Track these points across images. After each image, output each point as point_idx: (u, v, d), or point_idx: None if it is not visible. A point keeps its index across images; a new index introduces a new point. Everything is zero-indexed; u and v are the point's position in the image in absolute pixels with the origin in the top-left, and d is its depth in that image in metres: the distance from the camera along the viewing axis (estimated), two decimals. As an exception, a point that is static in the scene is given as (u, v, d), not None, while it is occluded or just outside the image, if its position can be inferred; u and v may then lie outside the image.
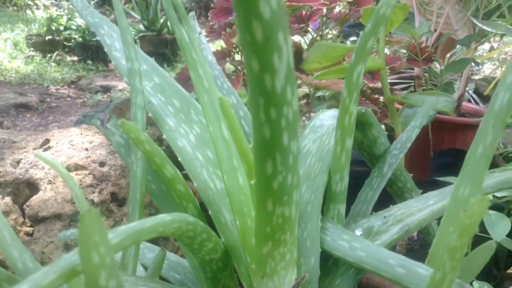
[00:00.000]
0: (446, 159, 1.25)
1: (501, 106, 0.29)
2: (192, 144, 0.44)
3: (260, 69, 0.19)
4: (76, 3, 0.51)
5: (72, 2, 0.51)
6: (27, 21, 4.75)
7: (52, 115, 2.86)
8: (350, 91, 0.35)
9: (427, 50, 1.20)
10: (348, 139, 0.39)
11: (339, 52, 0.74)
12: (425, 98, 0.69)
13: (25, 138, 0.95)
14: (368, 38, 0.31)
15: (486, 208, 0.21)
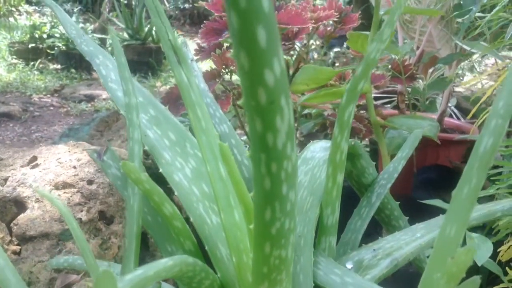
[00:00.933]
0: (429, 175, 1.27)
1: (485, 150, 0.31)
2: (188, 178, 0.45)
3: (263, 129, 0.21)
4: (70, 31, 0.51)
5: (66, 29, 0.52)
6: (10, 28, 4.70)
7: (35, 125, 2.83)
8: (342, 130, 0.36)
9: (410, 68, 1.23)
10: (339, 175, 0.40)
11: (326, 75, 0.75)
12: (409, 122, 0.71)
13: (12, 155, 0.95)
14: (359, 81, 0.33)
15: (471, 258, 0.23)
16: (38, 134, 2.69)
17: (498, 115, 0.31)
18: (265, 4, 0.17)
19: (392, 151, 0.76)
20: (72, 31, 0.51)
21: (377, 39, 0.33)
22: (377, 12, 0.68)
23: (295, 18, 0.96)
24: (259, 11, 0.17)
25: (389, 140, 0.77)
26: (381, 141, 0.75)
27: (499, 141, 0.31)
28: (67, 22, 0.52)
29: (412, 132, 0.71)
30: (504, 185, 0.63)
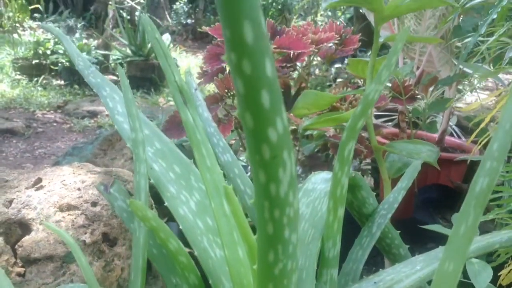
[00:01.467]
0: (430, 194, 1.28)
1: (481, 189, 0.32)
2: (193, 211, 0.46)
3: (267, 180, 0.22)
4: (77, 62, 0.53)
5: (74, 60, 0.53)
6: (14, 44, 4.74)
7: (39, 141, 2.85)
8: (342, 166, 0.37)
9: (411, 89, 1.25)
10: (340, 209, 0.41)
11: (326, 101, 0.77)
12: (409, 147, 0.72)
13: (18, 177, 0.96)
14: (358, 119, 0.34)
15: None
16: (41, 150, 2.70)
17: (492, 157, 0.32)
18: (268, 70, 0.18)
19: (392, 175, 0.77)
20: (80, 62, 0.53)
21: (376, 81, 0.35)
22: (377, 39, 0.70)
23: (296, 42, 0.97)
24: (262, 76, 0.18)
25: (390, 164, 0.78)
26: (381, 165, 0.76)
27: (494, 181, 0.33)
28: (74, 53, 0.54)
29: (412, 157, 0.72)
30: (504, 210, 0.64)
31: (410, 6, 0.64)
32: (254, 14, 0.17)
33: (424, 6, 0.67)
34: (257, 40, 0.17)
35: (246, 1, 0.16)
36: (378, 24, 0.69)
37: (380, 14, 0.66)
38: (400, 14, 0.71)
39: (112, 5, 4.30)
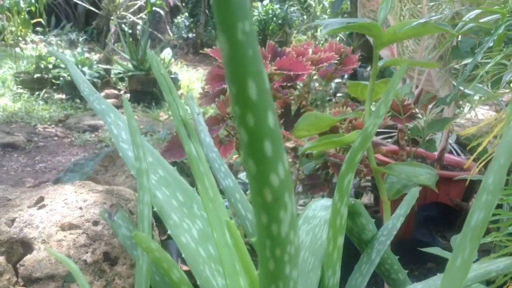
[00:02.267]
0: (430, 212, 1.29)
1: (476, 222, 0.33)
2: (195, 239, 0.47)
3: (268, 221, 0.23)
4: (83, 88, 0.54)
5: (79, 86, 0.55)
6: (16, 57, 4.78)
7: (40, 155, 2.86)
8: (341, 196, 0.38)
9: (410, 108, 1.26)
10: (339, 238, 0.42)
11: (326, 123, 0.78)
12: (408, 170, 0.73)
13: (20, 196, 0.97)
14: (356, 152, 0.35)
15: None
16: (42, 164, 2.71)
17: (488, 191, 0.33)
18: (270, 122, 0.19)
19: (392, 197, 0.78)
20: (85, 88, 0.54)
21: (374, 115, 0.36)
22: (375, 64, 0.71)
23: (296, 64, 0.99)
24: (265, 128, 0.19)
25: (389, 185, 0.78)
26: (380, 187, 0.77)
27: (489, 214, 0.33)
28: (79, 79, 0.55)
29: (411, 180, 0.73)
30: (502, 233, 0.65)
31: (408, 33, 0.65)
32: (258, 73, 0.18)
33: (421, 33, 0.69)
34: (261, 96, 0.18)
35: (251, 61, 0.17)
36: (377, 49, 0.70)
37: (379, 40, 0.67)
38: (398, 40, 0.72)
39: (114, 20, 4.34)
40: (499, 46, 0.72)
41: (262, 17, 8.60)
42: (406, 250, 0.95)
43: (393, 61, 0.75)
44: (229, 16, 0.16)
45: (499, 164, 0.32)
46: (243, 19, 0.16)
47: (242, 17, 0.16)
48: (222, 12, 0.16)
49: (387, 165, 0.76)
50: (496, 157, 0.32)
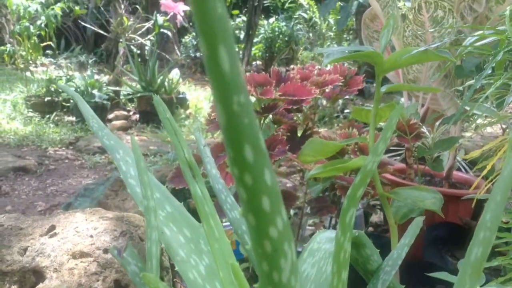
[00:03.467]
0: (439, 232, 1.28)
1: (475, 258, 0.33)
2: (202, 275, 0.48)
3: (269, 269, 0.24)
4: (92, 124, 0.56)
5: (88, 122, 0.56)
6: (26, 81, 4.85)
7: (50, 178, 2.88)
8: (344, 231, 0.39)
9: (416, 127, 1.26)
10: (343, 272, 0.43)
11: (331, 148, 0.79)
12: (413, 194, 0.73)
13: (32, 224, 0.98)
14: (357, 188, 0.36)
15: None
16: (53, 188, 2.73)
17: (485, 227, 0.33)
18: (267, 179, 0.20)
19: (399, 221, 0.78)
20: (94, 124, 0.56)
21: (373, 153, 0.37)
22: (378, 89, 0.72)
23: (300, 89, 1.00)
24: (263, 186, 0.20)
25: (396, 209, 0.79)
26: (387, 211, 0.77)
27: (488, 250, 0.34)
28: (89, 115, 0.57)
29: (417, 205, 0.73)
30: (508, 257, 0.65)
31: (409, 60, 0.66)
32: (253, 138, 0.19)
33: (421, 60, 0.70)
34: (257, 158, 0.19)
35: (247, 128, 0.19)
36: (379, 76, 0.71)
37: (381, 67, 0.69)
38: (400, 67, 0.74)
39: (123, 42, 4.40)
40: (500, 70, 0.73)
41: (268, 35, 8.68)
42: (416, 272, 0.95)
43: (397, 86, 0.76)
44: (226, 90, 0.17)
45: (495, 201, 0.33)
46: (238, 93, 0.18)
47: (237, 91, 0.18)
48: (219, 87, 0.17)
49: (393, 190, 0.77)
50: (493, 195, 0.33)
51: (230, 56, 0.17)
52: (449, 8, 1.17)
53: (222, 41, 0.16)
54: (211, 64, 0.17)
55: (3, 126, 3.81)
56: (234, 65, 0.17)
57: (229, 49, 0.17)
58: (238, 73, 0.17)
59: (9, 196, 2.57)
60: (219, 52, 0.16)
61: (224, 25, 0.16)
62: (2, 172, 2.85)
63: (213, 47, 0.16)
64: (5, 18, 6.30)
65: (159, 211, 0.46)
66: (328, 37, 7.23)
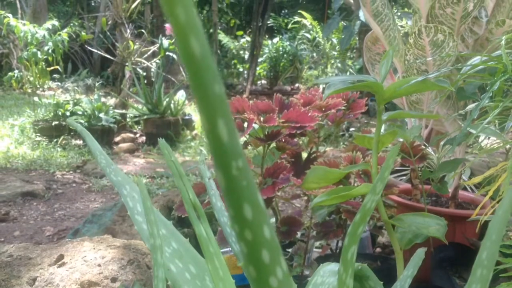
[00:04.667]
0: (446, 253, 1.28)
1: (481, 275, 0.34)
2: (208, 312, 0.49)
3: None
4: (100, 159, 0.57)
5: (96, 158, 0.58)
6: (34, 105, 4.91)
7: (58, 203, 2.90)
8: (346, 268, 0.40)
9: (420, 149, 1.27)
10: (346, 307, 0.44)
11: (334, 176, 0.80)
12: (417, 221, 0.74)
13: (40, 254, 0.99)
14: (358, 226, 0.37)
15: None
16: (61, 212, 2.75)
17: (482, 265, 0.34)
18: (266, 234, 0.22)
19: (404, 247, 0.79)
20: (102, 160, 0.57)
21: (371, 191, 0.38)
22: (380, 117, 0.74)
23: (303, 116, 1.02)
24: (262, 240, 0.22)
25: (401, 234, 0.80)
26: (392, 237, 0.78)
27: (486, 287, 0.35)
28: (97, 151, 0.58)
29: (421, 231, 0.74)
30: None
31: (408, 90, 0.68)
32: (252, 198, 0.20)
33: (420, 90, 0.71)
34: (256, 215, 0.21)
35: (245, 190, 0.20)
36: (380, 105, 0.73)
37: (381, 97, 0.70)
38: (399, 96, 0.75)
39: (129, 66, 4.46)
40: (500, 96, 0.74)
41: (273, 54, 8.76)
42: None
43: (398, 114, 0.77)
44: (225, 157, 0.19)
45: (491, 240, 0.34)
46: (236, 159, 0.19)
47: (236, 158, 0.19)
48: (219, 155, 0.19)
49: (397, 216, 0.77)
50: (488, 233, 0.34)
51: (228, 128, 0.18)
52: (449, 32, 1.19)
53: (220, 116, 0.18)
54: (212, 135, 0.18)
55: (11, 151, 3.85)
56: (232, 135, 0.18)
57: (227, 122, 0.18)
58: (236, 142, 0.19)
59: (18, 221, 2.59)
60: (218, 125, 0.18)
61: (222, 101, 0.18)
62: (11, 197, 2.88)
63: (213, 121, 0.18)
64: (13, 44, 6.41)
65: (165, 247, 0.47)
66: (332, 56, 7.29)
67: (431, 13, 1.29)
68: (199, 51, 0.16)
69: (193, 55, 0.16)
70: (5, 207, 2.74)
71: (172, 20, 0.15)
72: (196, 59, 0.17)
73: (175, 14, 0.15)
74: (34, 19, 6.96)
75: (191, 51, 0.16)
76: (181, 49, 0.16)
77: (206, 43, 0.17)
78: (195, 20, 0.16)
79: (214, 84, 0.17)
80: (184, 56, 0.16)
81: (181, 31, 0.16)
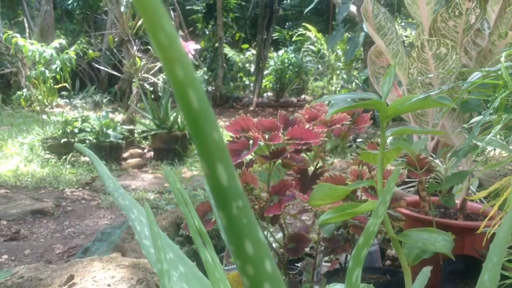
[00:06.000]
0: (456, 266, 1.27)
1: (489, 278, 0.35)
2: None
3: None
4: (108, 184, 0.58)
5: (104, 182, 0.59)
6: (43, 123, 4.96)
7: (68, 220, 2.92)
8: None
9: (426, 162, 1.27)
10: (352, 329, 0.44)
11: (340, 193, 0.81)
12: (424, 236, 0.74)
13: (51, 275, 1.00)
14: (362, 249, 0.38)
15: None
16: (71, 229, 2.77)
17: (484, 287, 0.35)
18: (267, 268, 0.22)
19: (411, 262, 0.79)
20: (110, 184, 0.58)
21: (374, 215, 0.39)
22: (383, 134, 0.74)
23: (307, 133, 1.03)
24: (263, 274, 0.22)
25: (408, 250, 0.80)
26: (399, 253, 0.78)
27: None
28: (104, 175, 0.59)
29: (427, 248, 0.74)
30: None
31: (410, 107, 0.69)
32: (253, 234, 0.21)
33: (422, 107, 0.72)
34: (257, 250, 0.22)
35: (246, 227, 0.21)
36: (383, 122, 0.74)
37: (384, 114, 0.71)
38: (402, 113, 0.76)
39: (136, 82, 4.51)
40: (501, 111, 0.74)
41: (278, 67, 8.80)
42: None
43: (402, 130, 0.78)
44: (226, 199, 0.20)
45: (492, 262, 0.34)
46: (236, 200, 0.20)
47: (236, 199, 0.20)
48: (219, 197, 0.20)
49: (403, 232, 0.78)
50: (489, 256, 0.35)
51: (228, 172, 0.19)
52: (452, 45, 1.19)
53: (219, 161, 0.19)
54: (212, 180, 0.19)
55: (20, 169, 3.89)
56: (231, 178, 0.19)
57: (227, 166, 0.19)
58: (235, 184, 0.20)
59: (28, 239, 2.60)
60: (217, 170, 0.19)
61: (221, 147, 0.19)
62: (21, 215, 2.90)
63: (212, 166, 0.19)
64: (21, 62, 6.49)
65: (173, 271, 0.48)
66: (337, 67, 7.31)
67: (434, 27, 1.30)
68: (197, 103, 0.17)
69: (192, 107, 0.17)
70: (15, 225, 2.77)
71: (172, 78, 0.16)
72: (195, 110, 0.18)
73: (174, 72, 0.16)
74: (42, 38, 7.06)
75: (189, 103, 0.17)
76: (180, 102, 0.17)
77: (204, 94, 0.18)
78: (193, 75, 0.17)
79: (212, 131, 0.18)
80: (183, 109, 0.17)
81: (180, 87, 0.17)
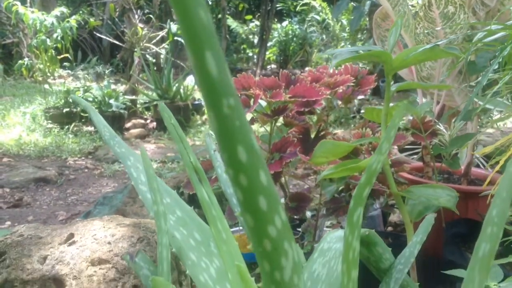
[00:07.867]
0: (459, 229, 1.27)
1: (483, 254, 0.33)
2: (213, 278, 0.48)
3: (271, 269, 0.24)
4: (104, 133, 0.57)
5: (100, 131, 0.57)
6: (45, 93, 4.94)
7: (71, 188, 2.93)
8: (352, 230, 0.39)
9: (431, 125, 1.25)
10: (353, 271, 0.43)
11: (343, 149, 0.79)
12: (427, 192, 0.73)
13: (51, 233, 1.00)
14: (364, 188, 0.37)
15: None
16: (74, 197, 2.77)
17: (492, 222, 0.33)
18: (263, 180, 0.21)
19: (414, 219, 0.78)
20: (106, 133, 0.57)
21: (377, 152, 0.37)
22: (388, 88, 0.72)
23: (310, 91, 1.01)
24: (258, 186, 0.21)
25: (411, 207, 0.78)
26: (402, 210, 0.77)
27: (496, 245, 0.34)
28: (101, 125, 0.58)
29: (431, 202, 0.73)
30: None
31: (417, 57, 0.66)
32: (246, 139, 0.20)
33: (429, 58, 0.70)
34: (251, 158, 0.20)
35: (238, 131, 0.19)
36: (388, 75, 0.71)
37: (389, 66, 0.69)
38: (408, 65, 0.73)
39: (138, 52, 4.46)
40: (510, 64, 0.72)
41: (282, 38, 8.69)
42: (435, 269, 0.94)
43: (407, 84, 0.76)
44: (215, 94, 0.18)
45: (501, 197, 0.33)
46: (227, 96, 0.18)
47: (227, 95, 0.18)
48: (208, 92, 0.18)
49: (407, 188, 0.76)
50: (499, 191, 0.33)
51: (218, 61, 0.17)
52: (460, 4, 1.16)
53: (208, 48, 0.17)
54: (200, 70, 0.17)
55: (23, 138, 3.88)
56: (222, 69, 0.18)
57: (216, 55, 0.17)
58: (226, 77, 0.18)
59: (31, 206, 2.62)
60: (206, 58, 0.17)
61: (209, 32, 0.17)
62: (24, 183, 2.91)
63: (200, 54, 0.17)
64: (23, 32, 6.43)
65: (170, 215, 0.47)
66: (342, 38, 7.21)
67: (442, -14, 1.26)
68: None
69: None
70: (18, 193, 2.78)
71: None
72: None
73: None
74: (43, 7, 6.96)
75: None
76: None
77: None
78: None
79: (200, 12, 0.16)
80: None
81: None
